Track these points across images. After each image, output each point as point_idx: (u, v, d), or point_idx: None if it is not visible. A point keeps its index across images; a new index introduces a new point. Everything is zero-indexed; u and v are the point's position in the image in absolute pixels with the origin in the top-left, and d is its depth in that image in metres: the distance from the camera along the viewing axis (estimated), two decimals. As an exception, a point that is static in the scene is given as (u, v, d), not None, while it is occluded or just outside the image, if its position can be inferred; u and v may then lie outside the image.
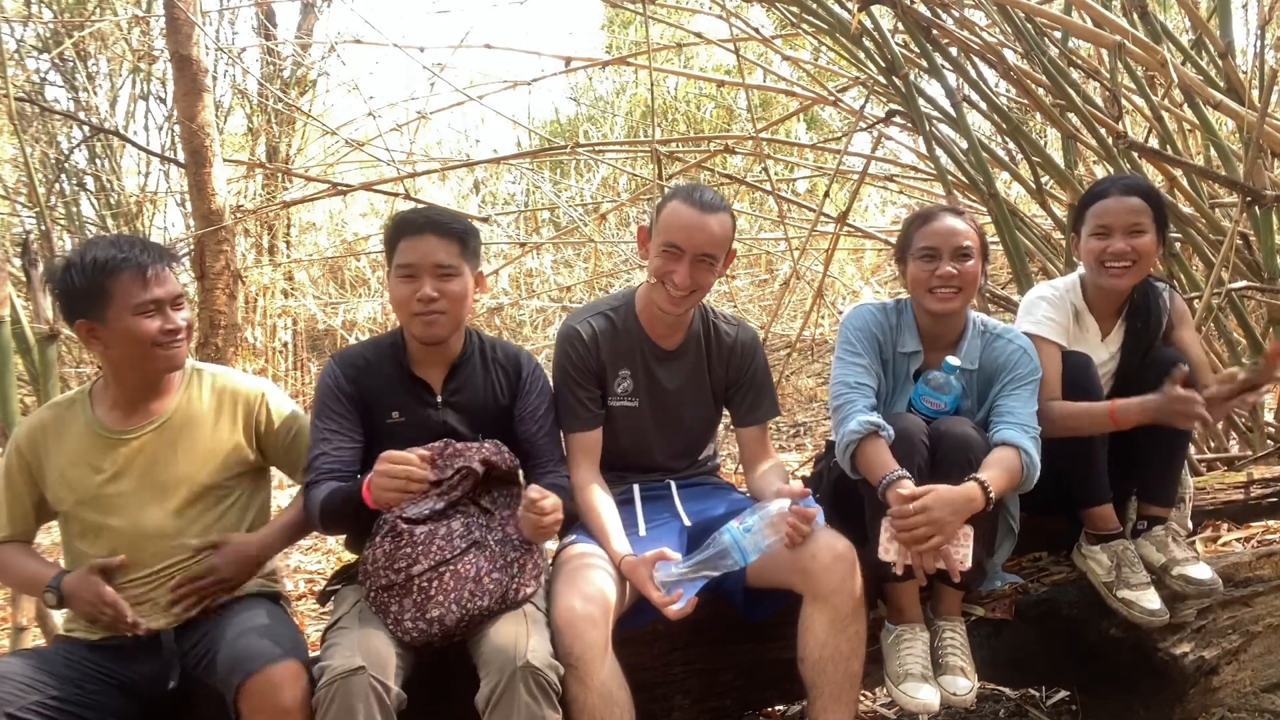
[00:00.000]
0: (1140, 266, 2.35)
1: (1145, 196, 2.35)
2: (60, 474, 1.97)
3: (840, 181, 6.28)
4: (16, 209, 6.64)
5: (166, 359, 1.95)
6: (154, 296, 1.91)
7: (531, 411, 2.21)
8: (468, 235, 2.11)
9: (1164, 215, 2.39)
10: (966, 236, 2.26)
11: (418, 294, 2.04)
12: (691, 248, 2.16)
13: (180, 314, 1.96)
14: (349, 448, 2.08)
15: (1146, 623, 2.19)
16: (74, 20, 6.60)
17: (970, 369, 2.31)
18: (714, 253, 2.19)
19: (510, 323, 8.06)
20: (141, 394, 2.01)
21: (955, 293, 2.25)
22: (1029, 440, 2.16)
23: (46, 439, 1.99)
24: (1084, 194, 2.49)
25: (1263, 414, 3.54)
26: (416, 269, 2.05)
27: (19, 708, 1.71)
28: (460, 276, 2.08)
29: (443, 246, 2.06)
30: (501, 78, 5.02)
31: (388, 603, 1.91)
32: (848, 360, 2.30)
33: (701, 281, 2.20)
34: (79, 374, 5.67)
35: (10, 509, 2.02)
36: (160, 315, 1.92)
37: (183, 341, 1.97)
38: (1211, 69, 3.62)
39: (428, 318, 2.05)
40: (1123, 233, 2.33)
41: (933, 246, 2.26)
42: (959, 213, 2.32)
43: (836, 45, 4.33)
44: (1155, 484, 2.39)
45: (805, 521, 2.02)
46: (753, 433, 2.43)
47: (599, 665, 1.89)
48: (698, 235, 2.16)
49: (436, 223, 2.08)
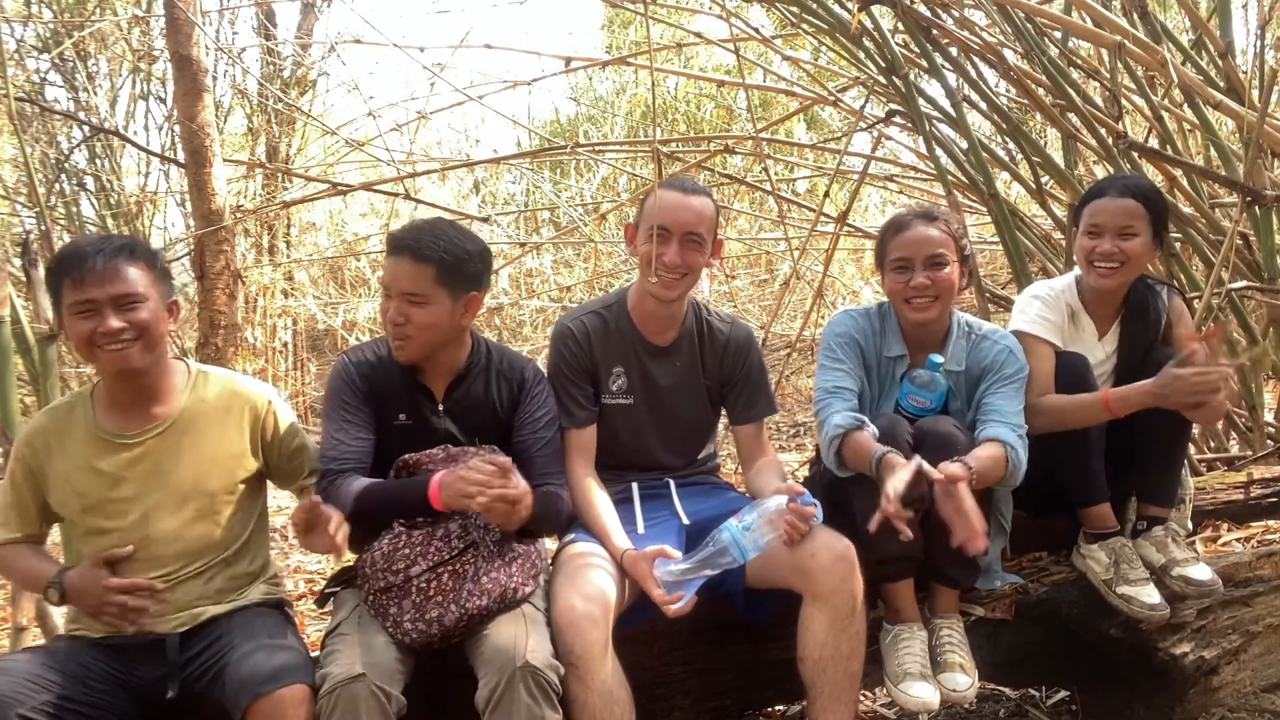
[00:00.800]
0: (1128, 269, 2.34)
1: (1142, 198, 2.33)
2: (64, 478, 1.95)
3: (840, 181, 6.28)
4: (16, 209, 6.64)
5: (109, 361, 1.88)
6: (88, 296, 1.83)
7: (531, 420, 2.19)
8: (451, 261, 2.02)
9: (1162, 217, 2.37)
10: (939, 244, 2.24)
11: (389, 314, 2.05)
12: (678, 227, 2.21)
13: (128, 315, 1.86)
14: (366, 439, 2.08)
15: (1147, 618, 2.19)
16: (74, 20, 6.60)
17: (957, 370, 2.31)
18: (700, 232, 2.23)
19: (510, 323, 8.06)
20: (135, 396, 1.97)
21: (932, 301, 2.25)
22: (1014, 436, 2.15)
23: (49, 444, 1.97)
24: (1085, 192, 2.49)
25: (1263, 414, 3.54)
26: (389, 289, 2.05)
27: (30, 708, 1.70)
28: (431, 305, 2.02)
29: (414, 271, 2.01)
30: (501, 78, 5.02)
31: (386, 604, 1.91)
32: (829, 367, 2.32)
33: (691, 262, 2.23)
34: (79, 374, 5.66)
35: (19, 512, 2.00)
36: (96, 316, 1.84)
37: (127, 343, 1.87)
38: (1211, 69, 3.61)
39: (396, 341, 2.06)
40: (1113, 234, 2.32)
41: (905, 257, 2.26)
42: (932, 218, 2.28)
43: (836, 45, 4.33)
44: (1155, 484, 2.39)
45: (803, 520, 2.02)
46: (749, 430, 2.43)
47: (599, 664, 1.89)
48: (683, 214, 2.22)
49: (415, 246, 2.01)
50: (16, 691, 1.70)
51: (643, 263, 2.25)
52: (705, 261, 2.28)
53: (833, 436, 2.16)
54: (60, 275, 1.87)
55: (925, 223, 2.27)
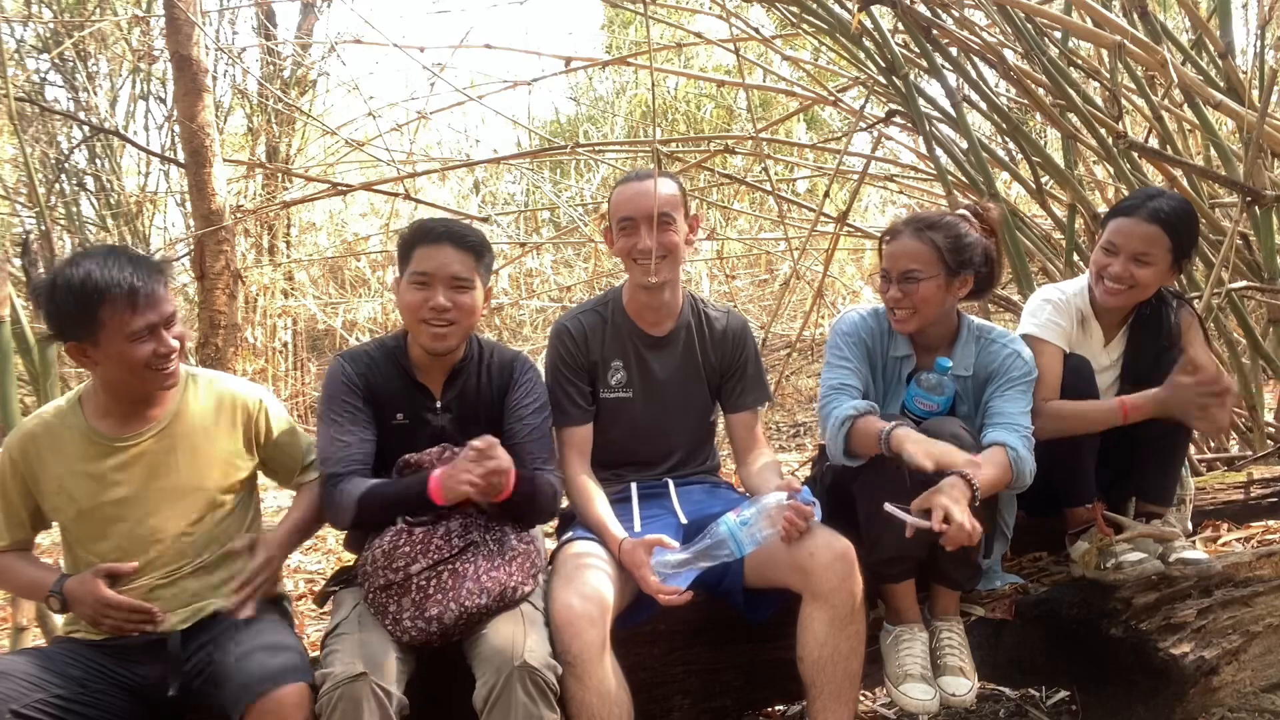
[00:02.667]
0: (1135, 293, 2.33)
1: (1168, 226, 2.27)
2: (59, 484, 1.95)
3: (840, 181, 6.28)
4: (16, 209, 6.64)
5: (160, 379, 1.93)
6: (148, 322, 1.86)
7: (519, 408, 2.19)
8: (483, 249, 2.14)
9: (1185, 245, 2.32)
10: (914, 259, 2.19)
11: (430, 303, 2.05)
12: (641, 212, 2.24)
13: (173, 333, 1.91)
14: (369, 440, 2.09)
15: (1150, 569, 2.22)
16: (74, 20, 6.61)
17: (964, 375, 2.29)
18: (667, 211, 2.26)
19: (510, 323, 8.06)
20: (135, 400, 1.98)
21: (910, 314, 2.23)
22: (1017, 439, 2.14)
23: (40, 450, 1.96)
24: (1120, 200, 2.46)
25: (1263, 414, 3.54)
26: (431, 278, 2.06)
27: (24, 705, 1.70)
28: (473, 290, 2.10)
29: (459, 259, 2.08)
30: (501, 78, 5.02)
31: (386, 603, 1.91)
32: (834, 365, 2.30)
33: (667, 243, 2.26)
34: (79, 374, 5.66)
35: (6, 518, 1.99)
36: (154, 339, 1.87)
37: (176, 360, 1.94)
38: (1211, 69, 3.61)
39: (437, 328, 2.07)
40: (1127, 257, 2.29)
41: (885, 269, 2.27)
42: (925, 227, 2.22)
43: (836, 45, 4.33)
44: (1154, 483, 2.40)
45: (802, 517, 2.02)
46: (744, 419, 2.44)
47: (597, 664, 1.89)
48: (641, 200, 2.25)
49: (455, 234, 2.10)
50: (11, 690, 1.71)
51: (621, 256, 2.31)
52: (684, 239, 2.31)
53: (842, 421, 2.13)
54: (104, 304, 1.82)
55: (912, 234, 2.22)
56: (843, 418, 2.14)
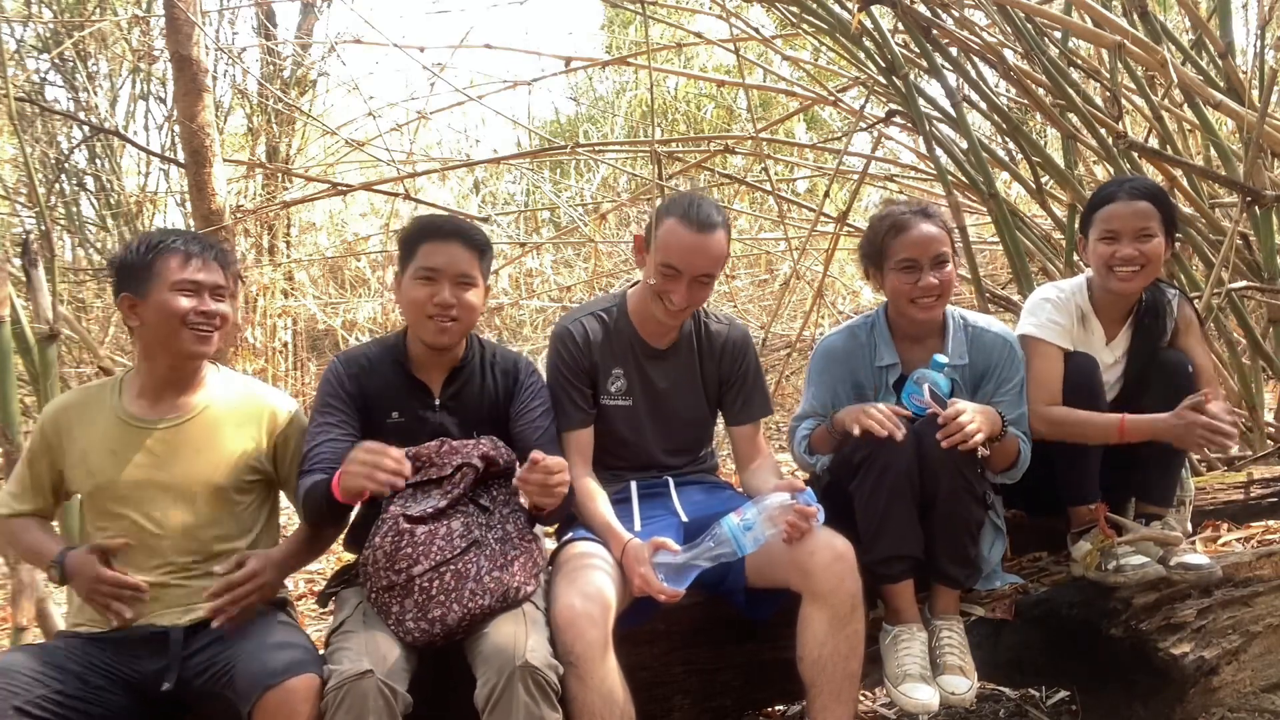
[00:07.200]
0: (1149, 270, 2.34)
1: (1153, 199, 2.34)
2: (81, 456, 1.99)
3: (840, 181, 6.28)
4: (16, 209, 6.64)
5: (194, 340, 1.98)
6: (193, 277, 1.98)
7: (527, 413, 2.21)
8: (486, 248, 2.18)
9: (1172, 217, 2.38)
10: (943, 243, 2.28)
11: (435, 298, 2.07)
12: (690, 270, 2.21)
13: (219, 304, 2.01)
14: (342, 440, 2.08)
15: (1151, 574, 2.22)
16: (74, 20, 6.61)
17: (961, 364, 2.33)
18: (711, 272, 2.25)
19: (510, 323, 8.06)
20: (169, 383, 2.04)
21: (936, 300, 2.29)
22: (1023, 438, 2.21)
23: (71, 420, 2.02)
24: (1091, 197, 2.48)
25: (1263, 414, 3.54)
26: (438, 274, 2.08)
27: (25, 701, 1.71)
28: (477, 288, 2.13)
29: (466, 256, 2.11)
30: (501, 78, 5.03)
31: (389, 603, 1.91)
32: (807, 396, 2.47)
33: (698, 299, 2.27)
34: (79, 374, 5.66)
35: (32, 486, 2.05)
36: (196, 296, 1.98)
37: (214, 329, 2.00)
38: (1211, 69, 3.62)
39: (441, 324, 2.09)
40: (1131, 237, 2.31)
41: (912, 258, 2.27)
42: (929, 215, 2.31)
43: (836, 45, 4.33)
44: (1154, 484, 2.39)
45: (805, 519, 2.02)
46: (746, 431, 2.45)
47: (599, 664, 1.89)
48: (697, 259, 2.20)
49: (463, 232, 2.14)
50: (12, 685, 1.71)
51: (650, 286, 2.26)
52: (710, 291, 2.31)
53: (800, 440, 2.41)
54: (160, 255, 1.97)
55: (925, 220, 2.29)
56: (800, 438, 2.40)
